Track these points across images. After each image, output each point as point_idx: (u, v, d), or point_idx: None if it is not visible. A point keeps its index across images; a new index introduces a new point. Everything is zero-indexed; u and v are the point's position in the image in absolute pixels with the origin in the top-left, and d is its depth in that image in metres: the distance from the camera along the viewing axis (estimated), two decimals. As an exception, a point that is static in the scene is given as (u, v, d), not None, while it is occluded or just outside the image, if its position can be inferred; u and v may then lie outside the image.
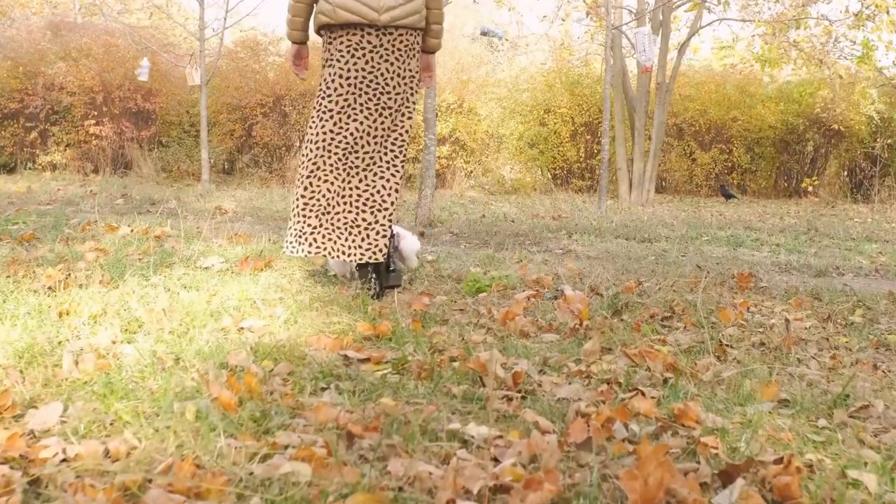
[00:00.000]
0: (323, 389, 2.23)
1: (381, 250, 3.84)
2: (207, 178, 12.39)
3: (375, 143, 3.81)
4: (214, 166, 14.47)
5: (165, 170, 14.33)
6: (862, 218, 11.73)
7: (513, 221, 8.51)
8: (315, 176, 3.79)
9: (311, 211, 3.82)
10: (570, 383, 2.43)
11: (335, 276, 4.30)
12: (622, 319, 3.68)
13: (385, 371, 2.43)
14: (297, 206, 3.84)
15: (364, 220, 3.83)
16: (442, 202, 10.97)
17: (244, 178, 14.17)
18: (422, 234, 7.40)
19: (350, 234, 3.84)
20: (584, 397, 2.28)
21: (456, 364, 2.51)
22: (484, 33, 10.48)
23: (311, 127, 3.80)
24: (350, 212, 3.83)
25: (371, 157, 3.82)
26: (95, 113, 14.14)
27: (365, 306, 3.42)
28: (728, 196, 14.74)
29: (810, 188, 15.86)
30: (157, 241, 5.42)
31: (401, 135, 3.86)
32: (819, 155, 16.50)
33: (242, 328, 2.89)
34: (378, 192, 3.84)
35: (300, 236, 3.85)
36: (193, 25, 12.55)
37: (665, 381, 2.50)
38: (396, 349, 2.73)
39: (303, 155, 3.83)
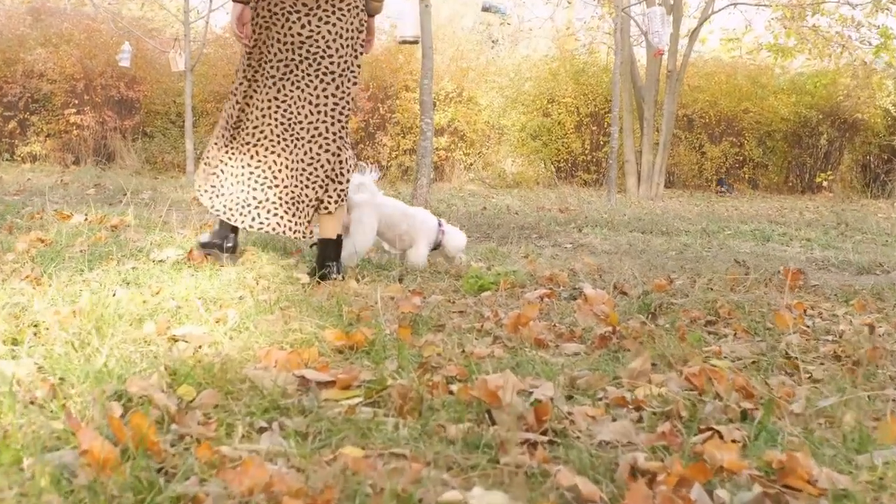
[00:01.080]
0: (261, 431, 1.54)
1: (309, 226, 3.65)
2: (193, 170, 11.68)
3: (319, 114, 3.52)
4: (202, 157, 13.74)
5: (150, 161, 13.61)
6: (885, 213, 11.05)
7: (516, 214, 7.82)
8: (262, 145, 3.56)
9: (257, 183, 3.58)
10: (613, 419, 1.74)
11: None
12: (658, 325, 3.00)
13: (355, 400, 1.75)
14: (243, 177, 3.61)
15: (307, 196, 3.58)
16: (440, 195, 10.28)
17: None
18: (417, 227, 6.72)
19: (297, 209, 3.59)
20: (637, 441, 1.60)
21: (454, 389, 1.82)
22: (486, 9, 9.80)
23: (249, 95, 3.58)
24: (297, 186, 3.56)
25: (316, 129, 3.53)
26: (76, 101, 13.42)
27: (340, 307, 2.73)
28: (724, 189, 14.13)
29: (825, 183, 15.17)
30: (112, 231, 4.74)
31: (348, 103, 3.57)
32: (833, 149, 15.81)
33: (175, 338, 2.20)
34: (322, 166, 3.56)
35: (250, 210, 3.62)
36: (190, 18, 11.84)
37: (744, 414, 1.81)
38: (373, 367, 2.04)
39: (244, 120, 3.61)
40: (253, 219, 3.60)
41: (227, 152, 3.67)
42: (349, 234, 3.86)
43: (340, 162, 3.60)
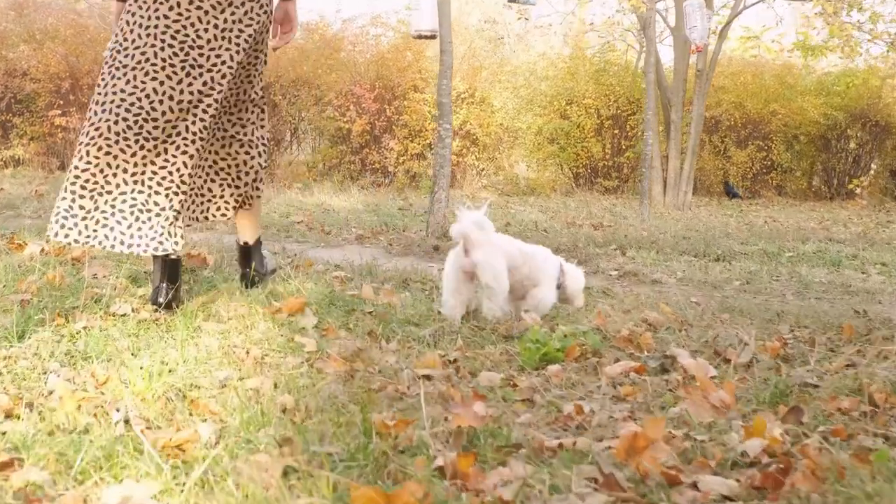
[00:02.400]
0: None
1: (175, 240, 3.00)
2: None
3: (180, 111, 2.99)
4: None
5: (140, 166, 12.70)
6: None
7: (545, 231, 6.95)
8: (95, 145, 2.93)
9: (84, 189, 2.96)
10: None
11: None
12: (803, 423, 2.15)
13: None
14: (68, 181, 2.98)
15: (156, 203, 2.99)
16: (454, 205, 9.41)
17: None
18: (436, 249, 5.86)
19: (137, 219, 2.98)
20: None
21: None
22: (512, 0, 8.92)
23: (98, 85, 3.00)
24: (141, 192, 2.98)
25: (174, 127, 3.00)
26: (61, 102, 12.51)
27: (367, 418, 1.86)
28: (733, 195, 13.29)
29: (858, 190, 14.29)
30: (73, 265, 3.87)
31: (215, 100, 3.03)
32: (863, 153, 14.94)
33: (102, 509, 1.33)
34: (178, 170, 3.00)
35: (67, 218, 2.97)
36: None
37: None
38: None
39: (86, 119, 3.00)
40: (80, 231, 2.98)
41: None
42: (478, 281, 3.07)
43: (186, 172, 3.02)
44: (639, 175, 9.11)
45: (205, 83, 2.99)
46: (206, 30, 2.96)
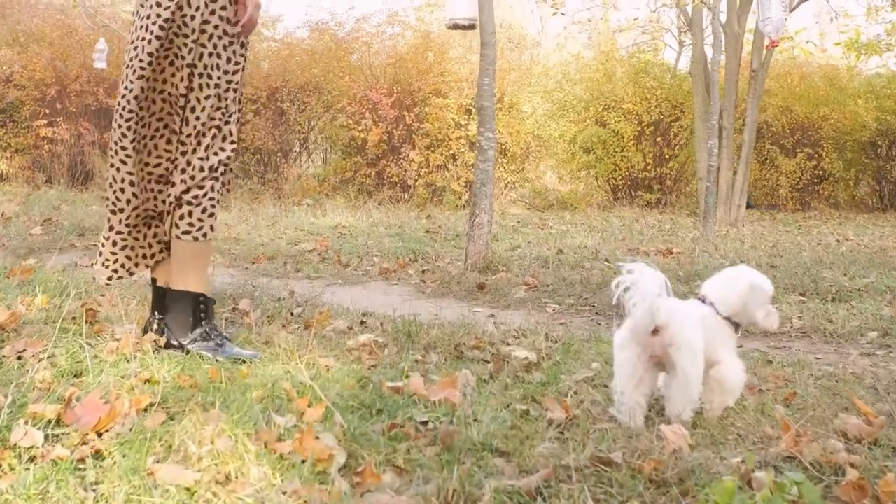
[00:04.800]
0: None
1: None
2: (181, 192, 9.65)
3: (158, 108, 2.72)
4: (195, 176, 11.71)
5: (135, 181, 11.59)
6: None
7: (607, 261, 5.78)
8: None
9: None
10: None
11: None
12: None
13: None
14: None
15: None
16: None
17: (231, 190, 11.45)
18: (481, 288, 4.71)
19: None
20: None
21: None
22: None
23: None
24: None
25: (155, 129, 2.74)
26: (48, 111, 11.42)
27: None
28: (748, 206, 12.13)
29: (919, 202, 13.09)
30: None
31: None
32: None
33: None
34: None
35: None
36: None
37: None
38: None
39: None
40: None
41: None
42: (673, 370, 2.15)
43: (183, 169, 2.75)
44: (700, 188, 7.95)
45: (150, 85, 2.65)
46: (139, 17, 2.64)
